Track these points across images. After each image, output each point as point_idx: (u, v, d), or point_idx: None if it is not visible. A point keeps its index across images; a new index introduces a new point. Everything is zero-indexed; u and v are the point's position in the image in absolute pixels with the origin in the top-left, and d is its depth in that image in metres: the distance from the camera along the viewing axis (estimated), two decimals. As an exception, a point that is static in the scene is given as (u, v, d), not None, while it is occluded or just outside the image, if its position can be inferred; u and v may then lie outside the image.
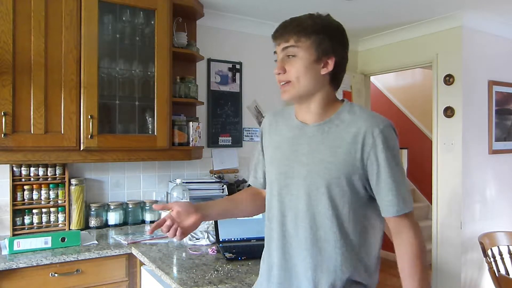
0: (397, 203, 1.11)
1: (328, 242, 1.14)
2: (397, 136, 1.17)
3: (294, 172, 1.20)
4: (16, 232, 2.38)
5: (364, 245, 1.16)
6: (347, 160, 1.12)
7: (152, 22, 2.54)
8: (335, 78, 1.20)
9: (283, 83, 1.19)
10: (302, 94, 1.18)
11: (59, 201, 2.52)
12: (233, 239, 2.20)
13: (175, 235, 1.25)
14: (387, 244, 1.67)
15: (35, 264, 1.97)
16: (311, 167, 1.16)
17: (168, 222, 1.25)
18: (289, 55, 1.17)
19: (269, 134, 1.35)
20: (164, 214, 2.56)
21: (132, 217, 2.71)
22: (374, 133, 1.11)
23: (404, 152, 5.12)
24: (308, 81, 1.16)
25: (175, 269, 1.80)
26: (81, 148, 2.30)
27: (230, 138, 3.25)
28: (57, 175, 2.52)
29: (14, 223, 2.39)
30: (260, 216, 2.12)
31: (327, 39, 1.15)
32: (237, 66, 3.25)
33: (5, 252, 2.05)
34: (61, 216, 2.51)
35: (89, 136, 2.29)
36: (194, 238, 2.22)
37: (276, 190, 1.25)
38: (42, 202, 2.47)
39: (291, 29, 1.17)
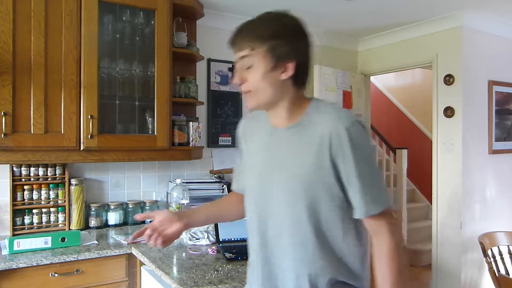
0: (364, 204, 1.08)
1: (307, 248, 1.12)
2: (367, 133, 1.12)
3: (270, 179, 1.17)
4: (16, 232, 2.38)
5: (347, 248, 1.14)
6: (317, 162, 1.09)
7: (152, 22, 2.54)
8: (299, 79, 1.15)
9: (245, 92, 1.15)
10: (265, 103, 1.15)
11: (59, 201, 2.52)
12: (233, 239, 2.20)
13: (155, 244, 1.24)
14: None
15: (35, 264, 1.97)
16: (285, 173, 1.14)
17: (148, 231, 1.24)
18: (245, 65, 1.12)
19: (245, 141, 1.33)
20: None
21: (132, 217, 2.70)
22: (340, 132, 1.07)
23: (404, 152, 5.12)
24: (268, 90, 1.12)
25: (175, 269, 1.80)
26: (81, 148, 2.30)
27: (230, 138, 3.25)
28: (57, 175, 2.52)
29: (14, 223, 2.39)
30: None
31: (283, 43, 1.10)
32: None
33: (5, 252, 2.05)
34: (61, 216, 2.51)
35: (89, 136, 2.29)
36: (194, 238, 2.22)
37: (254, 198, 1.23)
38: (42, 202, 2.47)
39: (244, 36, 1.11)
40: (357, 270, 1.16)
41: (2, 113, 2.09)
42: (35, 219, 2.44)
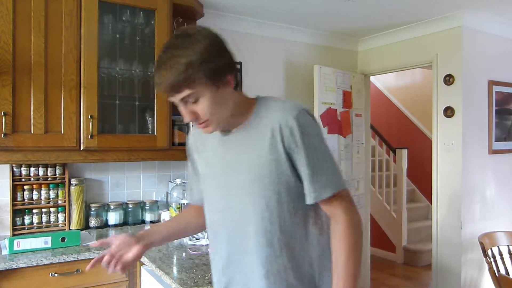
0: (313, 190, 1.10)
1: (274, 245, 1.12)
2: (315, 120, 1.14)
3: (230, 184, 1.17)
4: (16, 232, 2.38)
5: (314, 238, 1.16)
6: (273, 156, 1.11)
7: (152, 22, 2.54)
8: (238, 83, 1.16)
9: (201, 123, 1.13)
10: (224, 121, 1.15)
11: (59, 201, 2.52)
12: (233, 239, 2.19)
13: (115, 270, 1.22)
14: (384, 243, 1.67)
15: (35, 264, 1.97)
16: (244, 176, 1.14)
17: (106, 257, 1.22)
18: (191, 101, 1.08)
19: (197, 153, 1.32)
20: (165, 214, 2.57)
21: (132, 217, 2.71)
22: (289, 122, 1.09)
23: (404, 152, 5.12)
24: (223, 109, 1.12)
25: (175, 269, 1.80)
26: (81, 148, 2.30)
27: (230, 138, 3.24)
28: (57, 175, 2.52)
29: (14, 223, 2.39)
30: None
31: (215, 62, 1.06)
32: (237, 66, 3.25)
33: (5, 252, 2.05)
34: (61, 216, 2.51)
35: (89, 136, 2.29)
36: (194, 238, 2.22)
37: (216, 207, 1.23)
38: (42, 202, 2.47)
39: (176, 78, 1.03)
40: (325, 260, 1.17)
41: (2, 113, 2.09)
42: (35, 219, 2.44)
